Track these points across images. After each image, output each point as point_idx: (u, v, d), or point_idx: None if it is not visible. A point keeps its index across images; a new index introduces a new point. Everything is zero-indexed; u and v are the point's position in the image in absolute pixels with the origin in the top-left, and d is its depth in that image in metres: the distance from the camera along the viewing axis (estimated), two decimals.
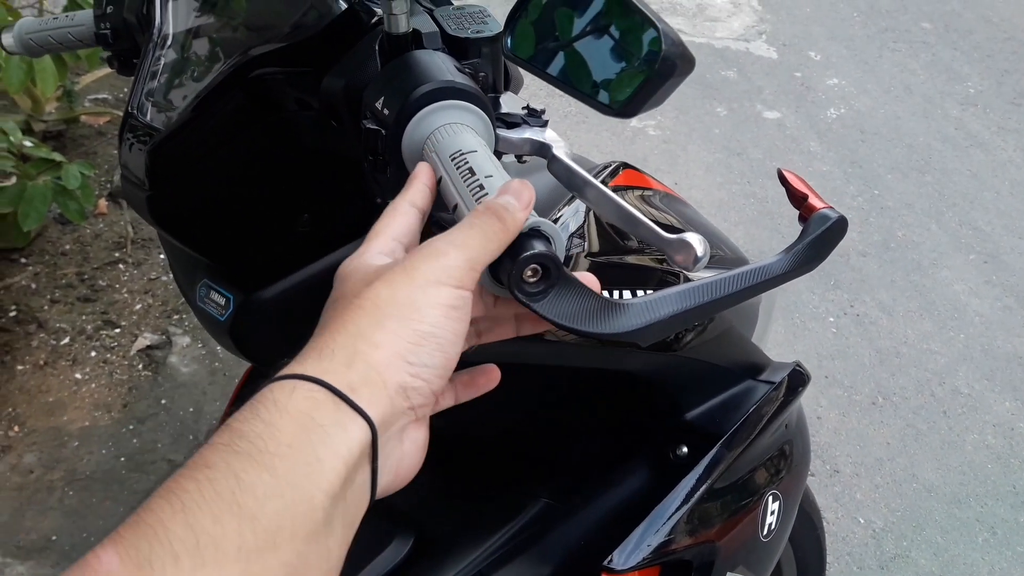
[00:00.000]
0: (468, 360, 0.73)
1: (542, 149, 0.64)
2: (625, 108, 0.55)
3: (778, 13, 4.44)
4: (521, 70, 0.80)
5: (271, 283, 0.75)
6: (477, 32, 0.67)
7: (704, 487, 0.90)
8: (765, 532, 0.96)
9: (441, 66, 0.61)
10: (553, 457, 0.97)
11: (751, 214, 3.06)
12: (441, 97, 0.58)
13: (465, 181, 0.53)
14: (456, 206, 0.53)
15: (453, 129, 0.57)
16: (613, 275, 0.85)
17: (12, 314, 2.29)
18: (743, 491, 0.94)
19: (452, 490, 0.99)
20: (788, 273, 0.62)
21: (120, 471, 2.01)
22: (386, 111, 0.59)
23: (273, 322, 0.77)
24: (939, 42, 4.31)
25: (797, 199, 0.66)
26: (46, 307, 2.34)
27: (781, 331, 2.59)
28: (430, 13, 0.69)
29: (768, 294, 1.13)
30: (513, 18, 0.68)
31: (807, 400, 2.34)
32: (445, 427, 0.88)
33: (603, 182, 0.89)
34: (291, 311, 0.77)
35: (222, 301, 0.77)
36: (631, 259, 0.87)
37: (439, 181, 0.55)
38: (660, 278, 0.88)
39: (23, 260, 2.46)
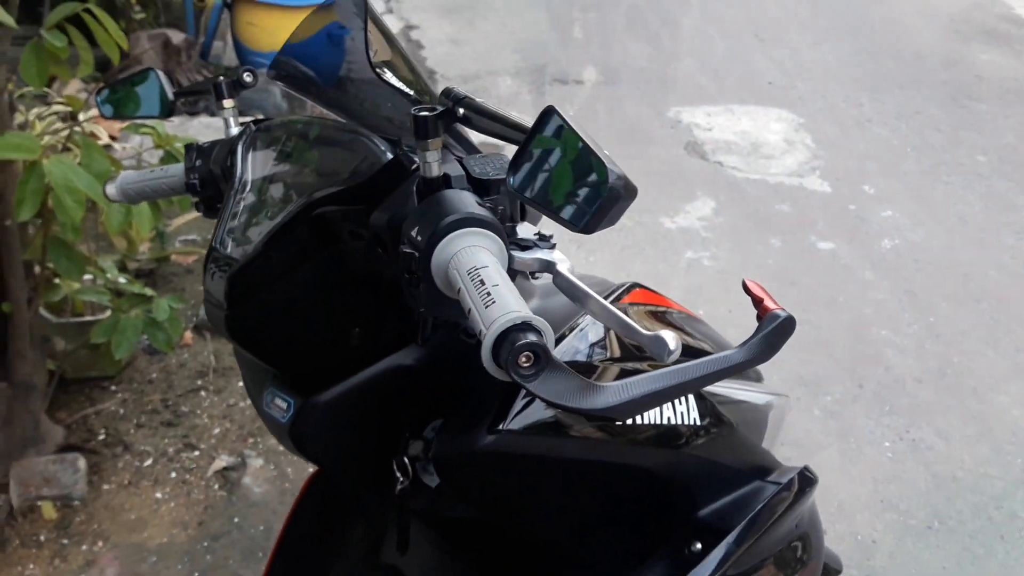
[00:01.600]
0: (499, 451, 0.85)
1: (548, 266, 0.78)
2: (585, 227, 0.69)
3: (832, 150, 4.59)
4: None
5: (327, 388, 0.89)
6: (496, 174, 0.82)
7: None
8: None
9: (465, 201, 0.75)
10: (575, 552, 1.06)
11: (805, 342, 3.12)
12: (463, 225, 0.73)
13: (477, 291, 0.66)
14: (469, 310, 0.66)
15: (472, 251, 0.71)
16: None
17: (101, 437, 2.47)
18: None
19: (469, 566, 1.09)
20: (745, 363, 0.73)
21: None
22: (419, 237, 0.73)
23: (329, 423, 0.89)
24: (993, 174, 4.39)
25: (756, 302, 0.77)
26: (132, 431, 2.51)
27: (836, 456, 2.62)
28: (459, 160, 0.84)
29: (777, 408, 1.22)
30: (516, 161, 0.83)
31: (861, 523, 2.36)
32: (471, 516, 0.99)
33: (615, 299, 1.02)
34: (345, 413, 0.90)
35: (284, 405, 0.90)
36: (647, 364, 0.98)
37: (458, 292, 0.69)
38: None
39: (113, 388, 2.66)
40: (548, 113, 0.71)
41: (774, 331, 0.73)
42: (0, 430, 2.24)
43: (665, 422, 0.94)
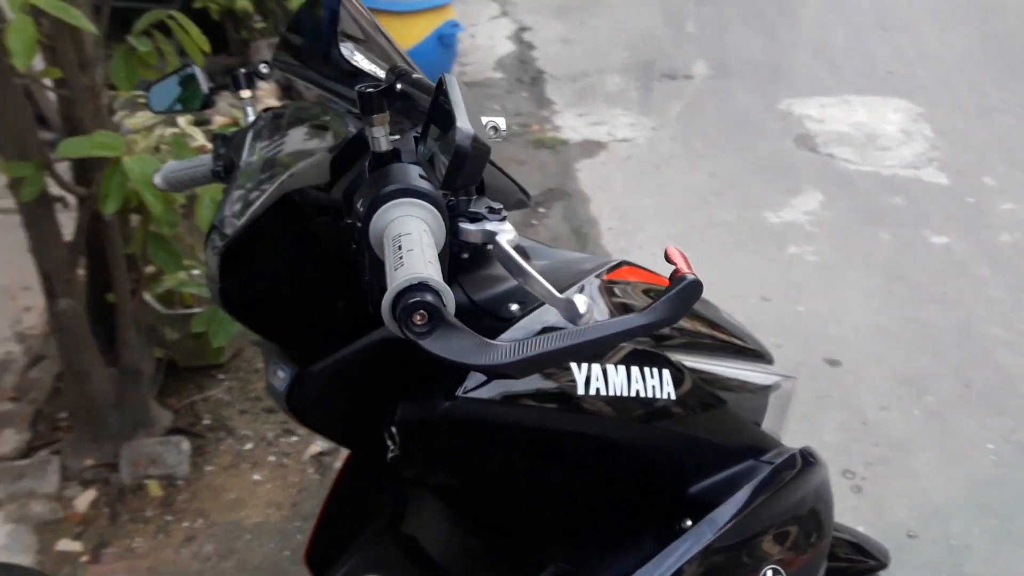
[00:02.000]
0: (455, 417, 0.87)
1: (490, 236, 0.80)
2: (442, 184, 0.72)
3: (952, 140, 4.40)
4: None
5: (320, 359, 0.94)
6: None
7: (695, 553, 0.98)
8: None
9: (409, 173, 0.79)
10: (571, 524, 1.08)
11: (912, 339, 3.01)
12: (399, 196, 0.76)
13: (393, 256, 0.69)
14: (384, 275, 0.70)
15: (403, 220, 0.75)
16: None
17: (206, 422, 2.62)
18: (738, 558, 1.00)
19: (479, 545, 1.12)
20: (648, 325, 0.73)
21: (283, 563, 2.23)
22: (361, 208, 0.77)
23: (320, 392, 0.95)
24: None
25: (672, 268, 0.78)
26: (236, 417, 2.66)
27: (934, 458, 2.52)
28: (415, 136, 0.89)
29: (782, 389, 1.19)
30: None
31: (956, 528, 2.26)
32: (478, 484, 1.02)
33: (598, 275, 1.03)
34: (336, 383, 0.95)
35: (283, 376, 0.96)
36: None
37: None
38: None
39: (221, 376, 2.81)
40: (440, 82, 0.74)
41: (679, 294, 0.74)
42: (112, 412, 2.40)
43: (633, 395, 0.94)
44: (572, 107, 4.87)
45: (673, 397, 0.98)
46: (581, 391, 0.91)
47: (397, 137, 0.88)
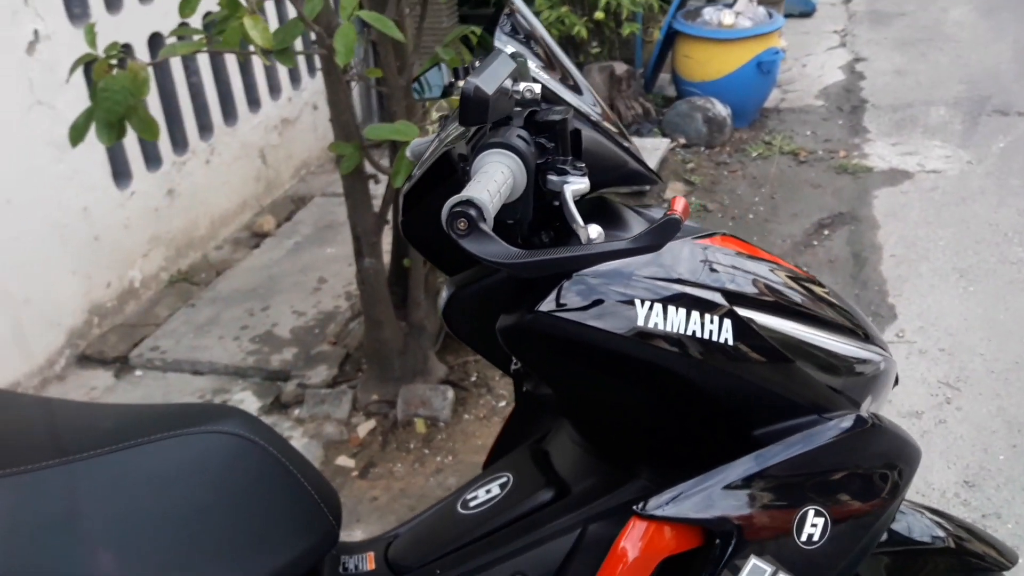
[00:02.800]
0: (534, 328, 1.12)
1: (560, 185, 1.05)
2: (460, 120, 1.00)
3: None
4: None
5: (471, 285, 1.24)
6: (547, 117, 1.11)
7: (737, 479, 1.13)
8: (804, 538, 1.14)
9: (510, 132, 1.06)
10: (654, 446, 1.26)
11: None
12: (494, 147, 1.03)
13: (468, 183, 0.97)
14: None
15: (489, 162, 1.02)
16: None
17: (472, 379, 3.04)
18: (781, 491, 1.14)
19: (586, 459, 1.34)
20: (628, 251, 0.96)
21: None
22: (471, 156, 1.06)
23: (467, 310, 1.25)
24: None
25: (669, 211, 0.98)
26: (497, 378, 3.05)
27: None
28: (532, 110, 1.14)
29: (873, 364, 1.28)
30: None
31: None
32: (569, 395, 1.24)
33: (693, 237, 1.19)
34: (478, 303, 1.24)
35: (444, 295, 1.27)
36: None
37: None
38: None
39: None
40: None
41: (657, 227, 0.94)
42: (398, 359, 2.89)
43: (689, 333, 1.10)
44: (886, 136, 4.79)
45: (731, 343, 1.13)
46: (641, 322, 1.09)
47: (519, 109, 1.15)
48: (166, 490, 1.15)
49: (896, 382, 1.39)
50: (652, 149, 4.56)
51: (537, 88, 1.11)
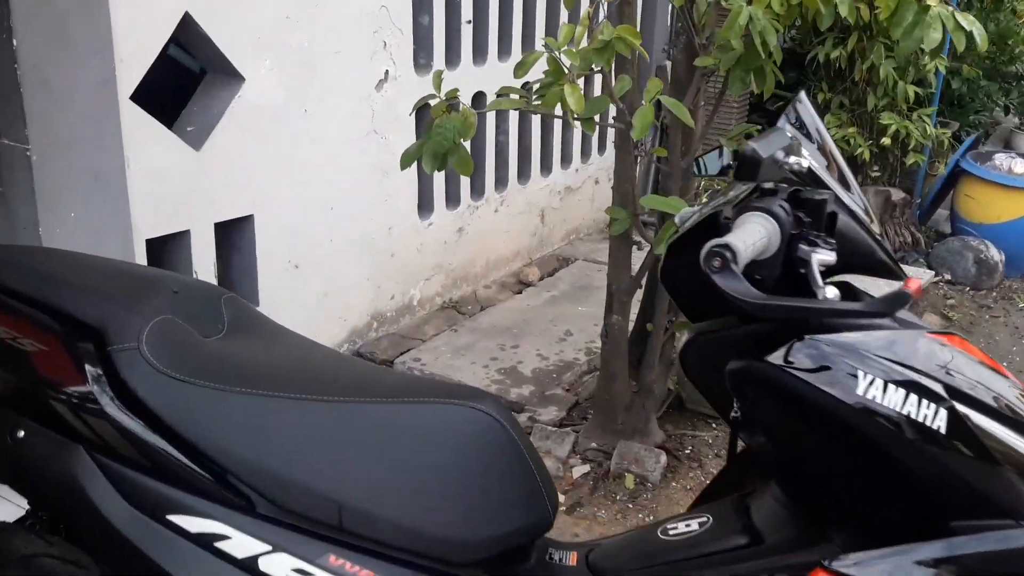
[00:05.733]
0: (759, 376, 1.30)
1: (808, 255, 1.24)
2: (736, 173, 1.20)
3: None
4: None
5: (710, 333, 1.43)
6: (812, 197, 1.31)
7: (940, 556, 1.21)
8: None
9: (774, 201, 1.27)
10: (854, 510, 1.34)
11: None
12: (760, 210, 1.24)
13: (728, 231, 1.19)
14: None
15: (752, 220, 1.23)
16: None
17: (687, 451, 3.21)
18: None
19: (785, 514, 1.45)
20: (862, 311, 1.12)
21: None
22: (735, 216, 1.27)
23: (701, 355, 1.44)
24: None
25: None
26: (711, 457, 3.19)
27: None
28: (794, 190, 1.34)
29: None
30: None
31: None
32: (782, 448, 1.38)
33: (927, 330, 1.29)
34: (711, 352, 1.40)
35: (686, 338, 1.46)
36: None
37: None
38: None
39: (714, 424, 3.36)
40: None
41: (891, 297, 1.10)
42: (622, 414, 3.12)
43: (905, 413, 1.21)
44: None
45: (943, 431, 1.21)
46: (861, 391, 1.22)
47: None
48: (425, 443, 1.42)
49: None
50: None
51: (805, 164, 1.29)
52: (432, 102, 2.27)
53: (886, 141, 4.43)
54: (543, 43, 2.12)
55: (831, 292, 1.20)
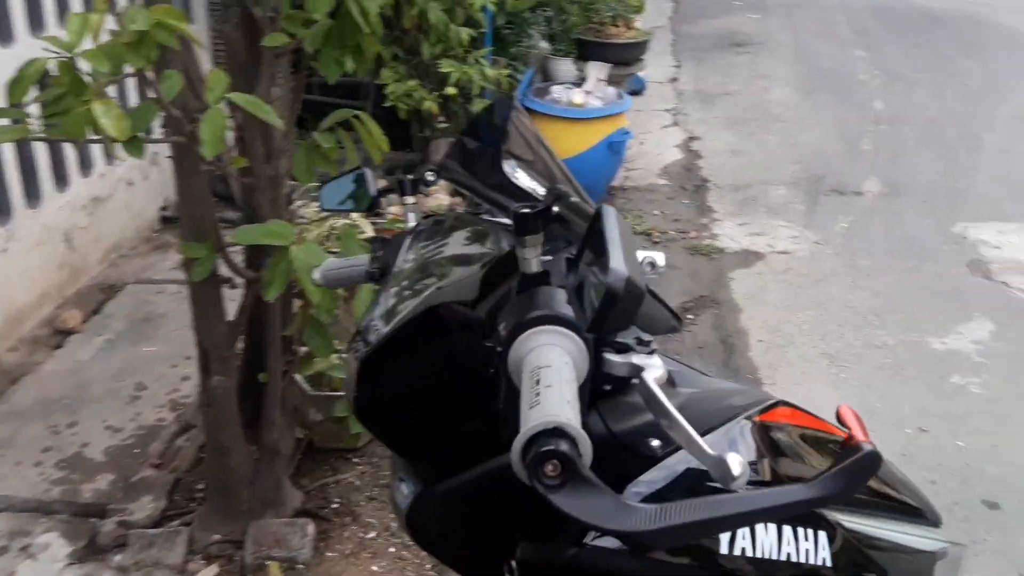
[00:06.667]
0: (582, 564, 0.82)
1: (636, 371, 0.75)
2: (588, 327, 0.66)
3: None
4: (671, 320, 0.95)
5: (445, 478, 0.91)
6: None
7: None
8: None
9: (555, 299, 0.75)
10: None
11: None
12: (544, 323, 0.72)
13: (531, 390, 0.65)
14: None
15: (544, 349, 0.70)
16: None
17: (335, 505, 2.64)
18: None
19: None
20: (813, 500, 0.65)
21: None
22: (503, 332, 0.74)
23: (441, 513, 0.91)
24: None
25: (845, 432, 0.70)
26: (363, 503, 2.67)
27: None
28: (567, 259, 0.85)
29: (950, 558, 1.07)
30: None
31: None
32: None
33: (750, 416, 0.95)
34: (458, 506, 0.91)
35: (406, 492, 0.94)
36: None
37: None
38: None
39: (355, 460, 2.83)
40: (598, 213, 0.71)
41: (852, 466, 0.66)
42: (246, 489, 2.45)
43: (783, 558, 0.86)
44: (733, 216, 4.79)
45: (828, 564, 0.89)
46: (724, 550, 0.85)
47: (549, 259, 0.86)
48: None
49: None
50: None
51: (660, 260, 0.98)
52: None
53: (451, 90, 4.11)
54: (42, 46, 1.35)
55: (735, 461, 0.68)
